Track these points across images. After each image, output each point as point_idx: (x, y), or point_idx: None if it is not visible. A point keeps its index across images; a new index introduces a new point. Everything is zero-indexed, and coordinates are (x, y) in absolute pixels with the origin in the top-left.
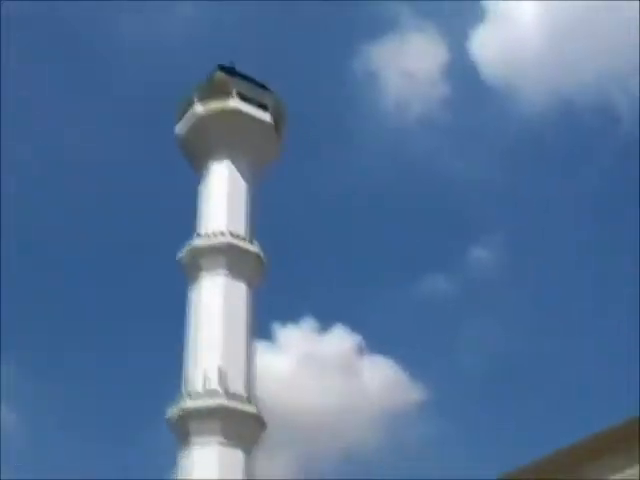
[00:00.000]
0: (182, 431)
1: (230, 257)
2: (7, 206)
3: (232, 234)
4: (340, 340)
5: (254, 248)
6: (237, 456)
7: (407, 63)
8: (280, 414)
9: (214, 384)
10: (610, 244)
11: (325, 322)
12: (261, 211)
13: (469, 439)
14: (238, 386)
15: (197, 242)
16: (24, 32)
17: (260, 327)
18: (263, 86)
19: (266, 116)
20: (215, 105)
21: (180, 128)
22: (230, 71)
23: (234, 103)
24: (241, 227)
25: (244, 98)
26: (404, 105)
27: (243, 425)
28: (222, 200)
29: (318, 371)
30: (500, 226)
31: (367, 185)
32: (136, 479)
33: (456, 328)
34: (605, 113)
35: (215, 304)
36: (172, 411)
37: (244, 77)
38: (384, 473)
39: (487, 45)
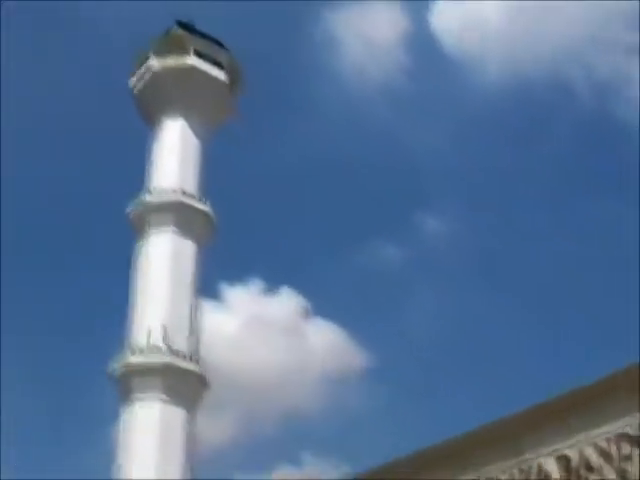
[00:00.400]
0: (124, 387)
1: (179, 215)
2: None
3: (183, 192)
4: (287, 302)
5: (204, 207)
6: (178, 414)
7: (368, 31)
8: (224, 374)
9: (158, 341)
10: (562, 216)
11: (273, 284)
12: (213, 171)
13: (410, 407)
14: (182, 344)
15: (147, 198)
16: None
17: (208, 286)
18: (220, 44)
19: (221, 75)
20: (171, 61)
21: (134, 82)
22: (188, 27)
23: (190, 60)
24: (192, 185)
25: (200, 55)
26: (363, 72)
27: (186, 383)
28: (174, 157)
29: (264, 333)
30: (452, 196)
31: (322, 150)
32: (76, 435)
33: (402, 296)
34: (561, 87)
35: (162, 261)
36: (115, 366)
37: (202, 34)
38: (325, 436)
39: (447, 17)
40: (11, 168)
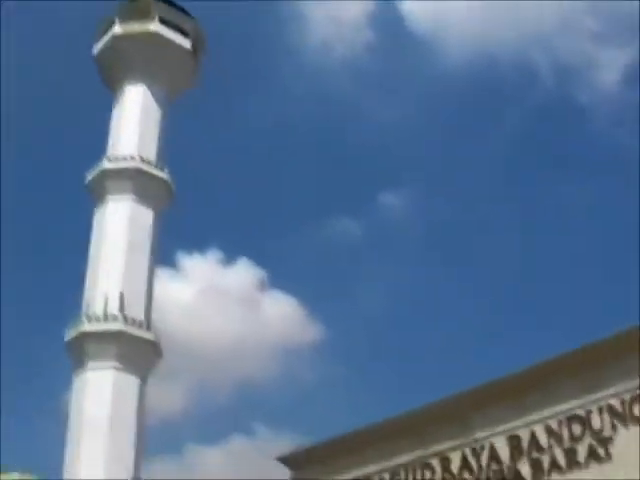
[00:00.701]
0: (78, 354)
1: (138, 182)
2: None
3: (142, 159)
4: (244, 273)
5: (163, 175)
6: (131, 381)
7: (335, 9)
8: (179, 342)
9: (114, 309)
10: (518, 195)
11: (230, 254)
12: (173, 139)
13: (363, 381)
14: (137, 312)
15: (106, 165)
16: None
17: (165, 255)
18: (186, 12)
19: (186, 42)
20: (135, 27)
21: (98, 48)
22: None
23: (154, 26)
24: (152, 153)
25: (165, 22)
26: (329, 49)
27: (140, 351)
28: (134, 124)
29: (220, 303)
30: (413, 173)
31: (284, 123)
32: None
33: (359, 270)
34: (525, 70)
35: (119, 228)
36: (70, 333)
37: (168, 2)
38: (278, 407)
39: None
40: None
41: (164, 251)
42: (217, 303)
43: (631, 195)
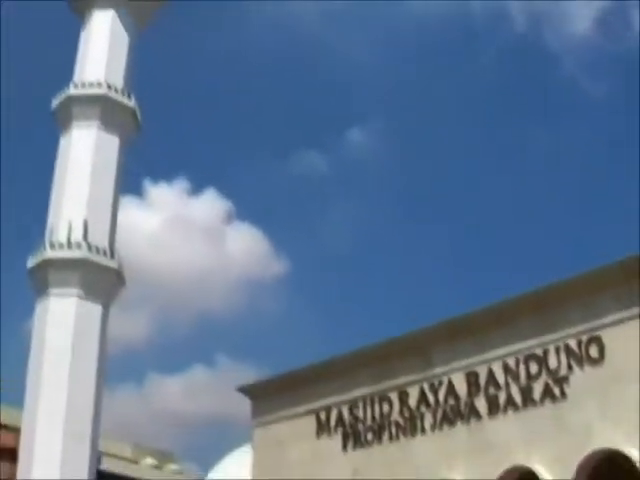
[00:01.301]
0: (41, 281)
1: (104, 109)
2: None
3: (109, 85)
4: (210, 204)
5: (130, 102)
6: (94, 310)
7: None
8: (143, 272)
9: (77, 236)
10: (484, 137)
11: (198, 185)
12: (141, 65)
13: (324, 314)
14: (101, 240)
15: (72, 91)
16: None
17: (131, 183)
18: None
19: None
20: None
21: None
22: None
23: None
24: (119, 80)
25: None
26: None
27: (103, 279)
28: (102, 50)
29: (185, 233)
30: (380, 112)
31: (256, 55)
32: None
33: (325, 206)
34: (497, 13)
35: (84, 155)
36: (33, 260)
37: None
38: (238, 339)
39: None
40: None
41: (130, 179)
42: (182, 233)
43: (597, 140)
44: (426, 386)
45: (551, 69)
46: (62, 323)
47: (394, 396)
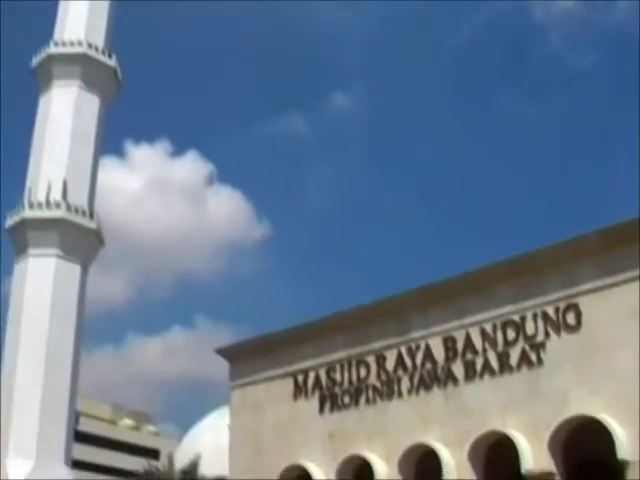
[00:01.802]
0: (20, 241)
1: (85, 68)
2: None
3: (89, 44)
4: (192, 167)
5: (111, 61)
6: (73, 270)
7: None
8: (123, 233)
9: (57, 196)
10: (465, 103)
11: (180, 146)
12: (124, 27)
13: (304, 277)
14: (81, 200)
15: (52, 49)
16: None
17: (113, 144)
18: None
19: None
20: None
21: None
22: None
23: None
24: (99, 39)
25: None
26: None
27: (82, 239)
28: (82, 9)
29: (166, 195)
30: (363, 76)
31: (240, 17)
32: None
33: (306, 168)
34: None
35: (64, 115)
36: (11, 220)
37: None
38: (217, 301)
39: None
40: None
41: (112, 140)
42: (163, 195)
43: (581, 111)
44: (404, 350)
45: (536, 41)
46: (41, 283)
47: (371, 360)
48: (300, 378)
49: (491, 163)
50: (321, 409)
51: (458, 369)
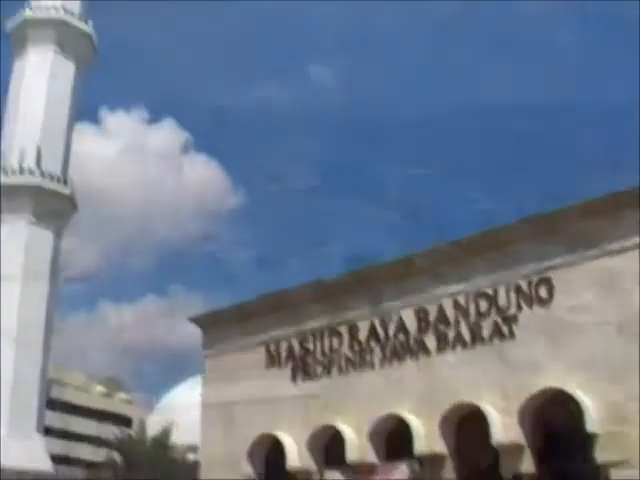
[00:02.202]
0: None
1: (60, 33)
2: None
3: (65, 9)
4: (168, 134)
5: (86, 27)
6: (46, 236)
7: None
8: (98, 200)
9: (30, 162)
10: (442, 71)
11: (156, 114)
12: None
13: (276, 247)
14: (54, 166)
15: (27, 13)
16: None
17: (88, 110)
18: None
19: None
20: None
21: None
22: None
23: None
24: (76, 4)
25: None
26: None
27: (55, 206)
28: None
29: (142, 162)
30: (342, 46)
31: None
32: None
33: (283, 139)
34: None
35: (39, 80)
36: None
37: None
38: (191, 270)
39: None
40: None
41: (87, 107)
42: (139, 162)
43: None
44: (376, 321)
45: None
46: (14, 249)
47: (344, 330)
48: (273, 347)
49: (469, 135)
50: (294, 379)
51: (430, 340)
